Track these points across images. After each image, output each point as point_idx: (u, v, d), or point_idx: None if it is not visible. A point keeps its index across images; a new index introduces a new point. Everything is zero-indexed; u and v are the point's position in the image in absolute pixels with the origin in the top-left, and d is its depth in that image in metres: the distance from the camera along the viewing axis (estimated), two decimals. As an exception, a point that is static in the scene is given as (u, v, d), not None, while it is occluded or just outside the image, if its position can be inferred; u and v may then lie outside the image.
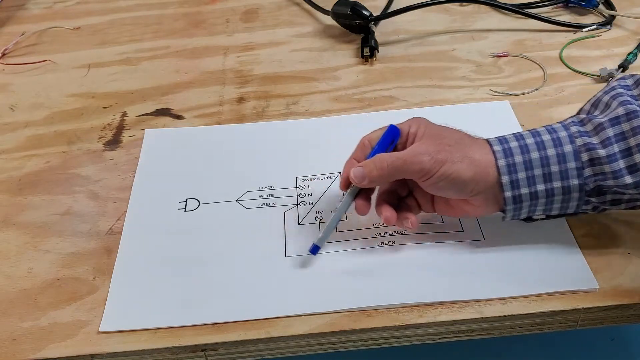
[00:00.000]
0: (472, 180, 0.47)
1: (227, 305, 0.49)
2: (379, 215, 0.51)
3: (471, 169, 0.47)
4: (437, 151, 0.47)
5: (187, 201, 0.58)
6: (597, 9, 0.81)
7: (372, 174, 0.49)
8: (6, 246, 0.55)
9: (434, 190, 0.49)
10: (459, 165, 0.47)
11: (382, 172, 0.49)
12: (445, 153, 0.47)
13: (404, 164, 0.48)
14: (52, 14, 0.90)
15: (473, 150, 0.48)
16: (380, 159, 0.49)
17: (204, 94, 0.72)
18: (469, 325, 0.48)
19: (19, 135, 0.68)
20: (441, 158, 0.47)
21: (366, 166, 0.50)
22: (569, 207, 0.48)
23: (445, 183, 0.47)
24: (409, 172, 0.48)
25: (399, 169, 0.48)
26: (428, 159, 0.47)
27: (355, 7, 0.78)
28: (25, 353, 0.47)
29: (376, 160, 0.49)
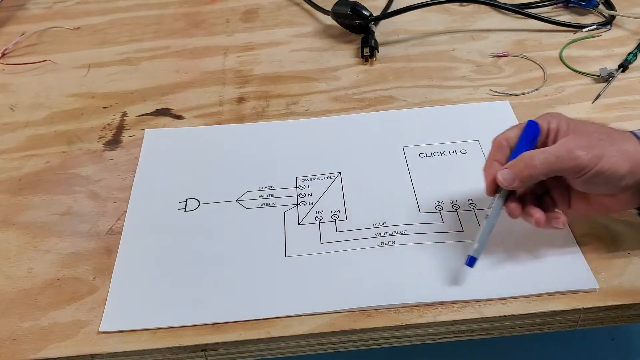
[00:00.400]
0: (628, 174, 0.45)
1: (227, 305, 0.49)
2: (526, 217, 0.49)
3: (627, 162, 0.45)
4: (592, 146, 0.45)
5: (187, 201, 0.58)
6: (597, 9, 0.81)
7: (522, 174, 0.46)
8: (6, 246, 0.55)
9: (584, 186, 0.47)
10: (615, 159, 0.45)
11: (534, 170, 0.46)
12: (600, 148, 0.45)
13: (559, 160, 0.45)
14: (52, 14, 0.90)
15: (625, 143, 0.46)
16: (530, 157, 0.46)
17: (204, 94, 0.72)
18: (469, 325, 0.48)
19: (19, 135, 0.68)
20: (598, 153, 0.45)
21: (514, 167, 0.47)
22: None
23: (601, 179, 0.46)
24: (564, 169, 0.46)
25: (552, 166, 0.46)
26: (584, 154, 0.45)
27: (355, 7, 0.78)
28: (25, 353, 0.47)
29: (525, 159, 0.47)
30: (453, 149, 0.61)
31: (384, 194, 0.57)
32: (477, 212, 0.55)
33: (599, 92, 0.67)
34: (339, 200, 0.57)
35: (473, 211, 0.55)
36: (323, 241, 0.53)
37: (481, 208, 0.55)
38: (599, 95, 0.67)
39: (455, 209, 0.55)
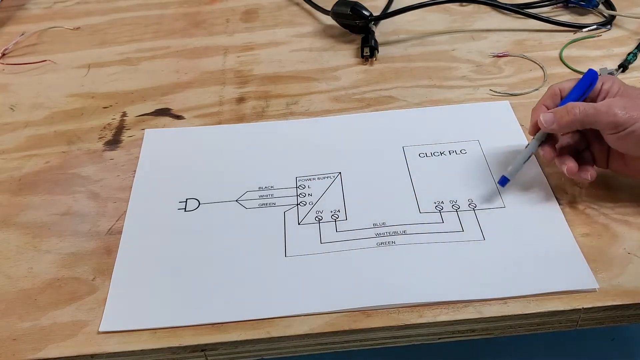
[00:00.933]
0: None
1: (227, 305, 0.49)
2: (560, 165, 0.53)
3: None
4: (632, 108, 0.48)
5: (187, 201, 0.58)
6: (597, 9, 0.81)
7: (562, 120, 0.50)
8: (6, 246, 0.55)
9: (618, 145, 0.50)
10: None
11: (574, 118, 0.50)
12: (639, 111, 0.48)
13: (597, 113, 0.49)
14: (52, 14, 0.90)
15: None
16: (573, 106, 0.50)
17: (204, 94, 0.72)
18: (469, 325, 0.48)
19: (19, 135, 0.68)
20: (635, 115, 0.48)
21: (557, 112, 0.51)
22: None
23: (633, 139, 0.49)
24: (601, 123, 0.49)
25: (590, 117, 0.49)
26: (622, 113, 0.48)
27: (355, 7, 0.78)
28: (25, 353, 0.47)
29: (568, 107, 0.50)
30: (453, 149, 0.61)
31: (384, 194, 0.57)
32: (477, 212, 0.55)
33: (599, 92, 0.67)
34: (339, 200, 0.57)
35: (473, 211, 0.55)
36: (323, 241, 0.53)
37: (481, 208, 0.55)
38: (599, 95, 0.67)
39: (455, 209, 0.55)
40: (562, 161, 0.53)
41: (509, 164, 0.55)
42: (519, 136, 0.62)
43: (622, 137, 0.49)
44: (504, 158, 0.59)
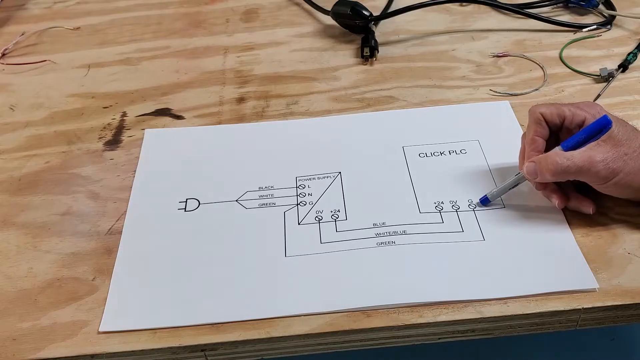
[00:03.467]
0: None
1: (227, 305, 0.49)
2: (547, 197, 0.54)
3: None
4: (613, 159, 0.49)
5: (187, 201, 0.58)
6: (597, 9, 0.81)
7: (543, 175, 0.51)
8: (6, 246, 0.55)
9: (603, 192, 0.51)
10: (633, 176, 0.49)
11: (555, 175, 0.50)
12: (621, 163, 0.49)
13: (579, 170, 0.50)
14: (52, 14, 0.90)
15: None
16: (554, 163, 0.50)
17: (204, 94, 0.72)
18: (469, 325, 0.48)
19: (19, 135, 0.68)
20: (616, 168, 0.49)
21: (539, 163, 0.51)
22: None
23: (616, 189, 0.50)
24: (582, 177, 0.50)
25: (571, 174, 0.50)
26: (603, 167, 0.49)
27: (355, 7, 0.78)
28: (25, 353, 0.47)
29: (550, 160, 0.50)
30: (453, 149, 0.61)
31: (384, 194, 0.57)
32: (477, 212, 0.55)
33: (599, 92, 0.67)
34: (339, 200, 0.57)
35: (473, 211, 0.55)
36: (323, 241, 0.53)
37: (481, 208, 0.55)
38: (599, 95, 0.67)
39: (455, 209, 0.55)
40: (550, 193, 0.53)
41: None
42: (519, 136, 0.62)
43: (604, 188, 0.51)
44: (504, 158, 0.59)
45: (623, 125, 0.51)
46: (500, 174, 0.58)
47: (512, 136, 0.62)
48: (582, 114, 0.53)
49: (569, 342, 0.97)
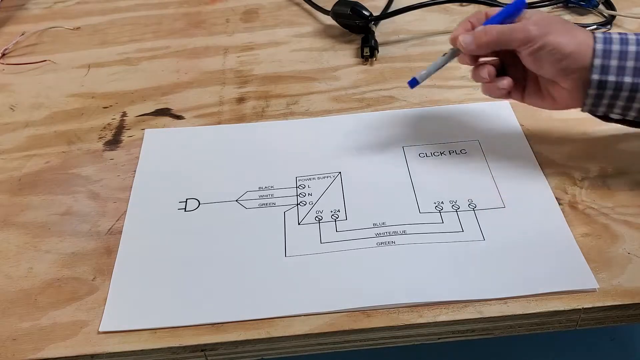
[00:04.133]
0: (570, 55, 0.50)
1: (227, 305, 0.49)
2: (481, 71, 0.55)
3: (572, 43, 0.50)
4: (544, 25, 0.51)
5: (187, 201, 0.58)
6: (597, 9, 0.81)
7: (480, 40, 0.53)
8: (6, 246, 0.55)
9: (532, 61, 0.52)
10: (562, 37, 0.50)
11: (490, 38, 0.52)
12: (551, 26, 0.51)
13: (512, 31, 0.52)
14: (52, 14, 0.90)
15: (578, 30, 0.51)
16: (491, 27, 0.53)
17: (204, 94, 0.72)
18: (469, 325, 0.48)
19: (19, 135, 0.68)
20: (546, 30, 0.51)
21: (476, 33, 0.53)
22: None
23: (545, 53, 0.51)
24: (515, 39, 0.52)
25: (506, 35, 0.52)
26: (534, 28, 0.51)
27: (355, 7, 0.78)
28: (25, 353, 0.47)
29: (487, 28, 0.53)
30: (453, 149, 0.61)
31: (384, 194, 0.57)
32: (477, 212, 0.55)
33: (599, 92, 0.67)
34: (339, 200, 0.57)
35: (473, 211, 0.55)
36: (323, 241, 0.53)
37: (481, 208, 0.55)
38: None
39: (455, 209, 0.55)
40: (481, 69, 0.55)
41: None
42: (519, 136, 0.62)
43: (534, 52, 0.51)
44: (504, 158, 0.59)
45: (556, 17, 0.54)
46: (501, 174, 0.58)
47: (512, 136, 0.62)
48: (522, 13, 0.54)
49: (569, 342, 0.97)
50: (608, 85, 0.50)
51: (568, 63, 0.50)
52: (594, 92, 0.50)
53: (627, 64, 0.49)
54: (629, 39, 0.50)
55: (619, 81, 0.49)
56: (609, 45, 0.49)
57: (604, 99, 0.51)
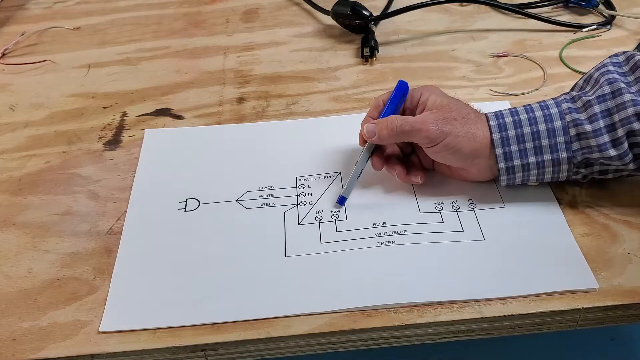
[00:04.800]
0: (470, 154, 0.53)
1: (227, 305, 0.49)
2: (390, 171, 0.56)
3: (471, 144, 0.52)
4: (444, 123, 0.52)
5: (187, 201, 0.58)
6: (597, 9, 0.81)
7: (382, 133, 0.54)
8: (6, 246, 0.55)
9: (435, 157, 0.54)
10: (460, 139, 0.52)
11: (391, 132, 0.54)
12: (450, 126, 0.52)
13: (412, 129, 0.53)
14: (52, 14, 0.90)
15: (476, 126, 0.53)
16: (392, 121, 0.54)
17: (204, 94, 0.72)
18: (469, 325, 0.48)
19: (19, 135, 0.68)
20: (446, 130, 0.52)
21: (378, 124, 0.54)
22: (559, 177, 0.53)
23: (447, 153, 0.53)
24: (416, 137, 0.53)
25: (406, 133, 0.53)
26: (434, 128, 0.52)
27: (355, 7, 0.78)
28: (25, 353, 0.47)
29: (388, 121, 0.54)
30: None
31: (384, 194, 0.57)
32: (477, 212, 0.55)
33: (599, 92, 0.67)
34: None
35: (473, 211, 0.55)
36: (323, 241, 0.53)
37: (481, 208, 0.55)
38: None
39: (455, 209, 0.55)
40: (392, 167, 0.56)
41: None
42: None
43: (436, 151, 0.53)
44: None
45: (455, 100, 0.55)
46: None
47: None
48: (417, 92, 0.56)
49: (569, 342, 0.97)
50: (516, 169, 0.52)
51: (470, 159, 0.53)
52: (505, 177, 0.53)
53: (527, 146, 0.52)
54: (521, 119, 0.52)
55: (524, 163, 0.52)
56: (504, 132, 0.52)
57: (516, 178, 0.53)
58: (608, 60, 0.54)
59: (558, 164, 0.52)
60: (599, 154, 0.50)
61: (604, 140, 0.50)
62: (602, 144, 0.50)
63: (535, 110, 0.52)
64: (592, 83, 0.53)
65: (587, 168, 0.53)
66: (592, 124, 0.50)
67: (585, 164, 0.52)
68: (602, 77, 0.52)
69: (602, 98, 0.50)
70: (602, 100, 0.50)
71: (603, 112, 0.50)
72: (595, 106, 0.50)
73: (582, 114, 0.51)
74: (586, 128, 0.50)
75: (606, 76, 0.51)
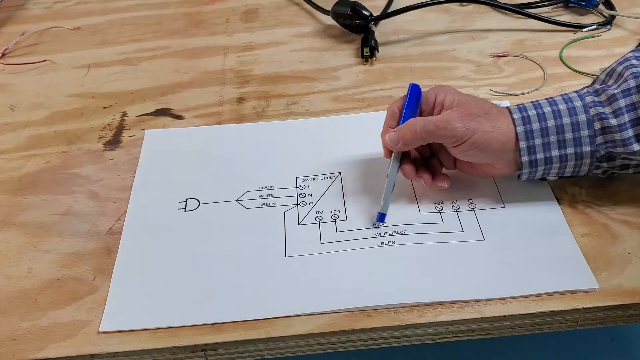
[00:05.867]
0: (500, 149, 0.51)
1: (227, 305, 0.49)
2: (417, 178, 0.55)
3: (500, 139, 0.51)
4: (469, 120, 0.51)
5: (187, 201, 0.58)
6: (597, 9, 0.81)
7: (405, 137, 0.53)
8: (6, 246, 0.55)
9: (461, 155, 0.53)
10: (489, 135, 0.51)
11: (415, 135, 0.52)
12: (476, 123, 0.51)
13: (437, 129, 0.51)
14: (52, 14, 0.90)
15: (500, 121, 0.52)
16: (413, 123, 0.52)
17: (204, 94, 0.72)
18: (469, 325, 0.48)
19: (19, 135, 0.68)
20: (473, 127, 0.51)
21: (400, 130, 0.53)
22: (580, 171, 0.53)
23: (475, 150, 0.51)
24: (441, 137, 0.52)
25: (431, 133, 0.52)
26: (460, 126, 0.51)
27: (355, 7, 0.78)
28: (25, 353, 0.47)
29: (409, 124, 0.53)
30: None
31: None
32: (477, 212, 0.55)
33: (599, 92, 0.67)
34: (339, 200, 0.57)
35: (473, 211, 0.55)
36: (323, 241, 0.53)
37: (481, 208, 0.55)
38: (599, 95, 0.67)
39: (455, 209, 0.55)
40: (419, 175, 0.55)
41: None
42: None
43: (463, 150, 0.52)
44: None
45: (472, 97, 0.54)
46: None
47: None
48: (432, 94, 0.55)
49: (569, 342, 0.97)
50: (539, 162, 0.52)
51: (499, 152, 0.52)
52: (527, 170, 0.52)
53: (551, 139, 0.51)
54: (545, 112, 0.51)
55: (547, 156, 0.51)
56: (529, 126, 0.51)
57: (538, 172, 0.53)
58: (631, 54, 0.53)
59: (581, 158, 0.51)
60: (623, 148, 0.50)
61: (628, 134, 0.49)
62: (626, 139, 0.49)
63: (559, 103, 0.51)
64: (616, 77, 0.52)
65: (608, 162, 0.52)
66: (617, 118, 0.49)
67: (607, 158, 0.51)
68: (626, 70, 0.51)
69: (627, 92, 0.49)
70: (627, 94, 0.49)
71: (628, 106, 0.49)
72: (620, 100, 0.49)
73: (607, 107, 0.50)
74: (611, 122, 0.49)
75: (631, 70, 0.50)
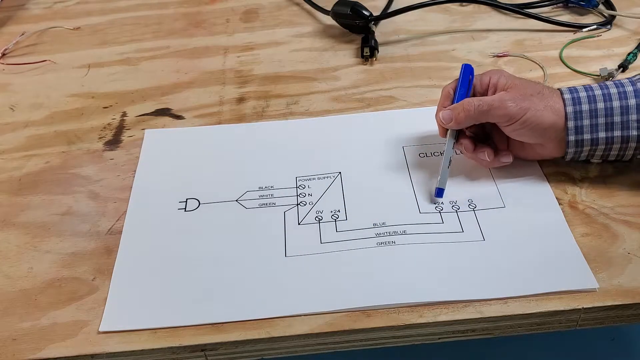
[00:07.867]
0: (550, 127, 0.53)
1: (227, 305, 0.49)
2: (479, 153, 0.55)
3: (551, 117, 0.52)
4: (522, 99, 0.53)
5: (187, 201, 0.58)
6: (597, 9, 0.81)
7: (459, 116, 0.54)
8: (6, 246, 0.55)
9: (514, 134, 0.54)
10: (541, 112, 0.52)
11: (469, 114, 0.54)
12: (529, 102, 0.53)
13: (490, 108, 0.53)
14: (52, 14, 0.90)
15: (553, 100, 0.53)
16: (468, 102, 0.54)
17: (204, 94, 0.72)
18: (469, 325, 0.48)
19: (19, 135, 0.68)
20: (525, 106, 0.52)
21: (454, 109, 0.55)
22: (625, 155, 0.54)
23: (527, 129, 0.53)
24: (495, 116, 0.53)
25: (484, 112, 0.53)
26: (513, 105, 0.52)
27: (355, 7, 0.78)
28: (25, 353, 0.47)
29: (464, 104, 0.54)
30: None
31: (384, 194, 0.57)
32: (477, 212, 0.55)
33: (599, 92, 0.67)
34: (339, 200, 0.57)
35: (473, 211, 0.55)
36: (323, 241, 0.53)
37: (481, 208, 0.55)
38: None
39: (455, 209, 0.55)
40: (481, 150, 0.56)
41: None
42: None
43: (515, 129, 0.53)
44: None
45: (525, 79, 0.56)
46: (501, 174, 0.58)
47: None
48: (486, 76, 0.57)
49: (569, 342, 0.97)
50: (585, 142, 0.53)
51: (550, 131, 0.53)
52: (572, 149, 0.54)
53: (599, 121, 0.52)
54: (596, 95, 0.52)
55: (594, 138, 0.53)
56: (578, 106, 0.52)
57: (583, 152, 0.54)
58: None
59: (627, 142, 0.52)
60: None
61: None
62: None
63: (610, 87, 0.52)
64: None
65: None
66: None
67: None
68: None
69: None
70: None
71: None
72: None
73: None
74: None
75: None
